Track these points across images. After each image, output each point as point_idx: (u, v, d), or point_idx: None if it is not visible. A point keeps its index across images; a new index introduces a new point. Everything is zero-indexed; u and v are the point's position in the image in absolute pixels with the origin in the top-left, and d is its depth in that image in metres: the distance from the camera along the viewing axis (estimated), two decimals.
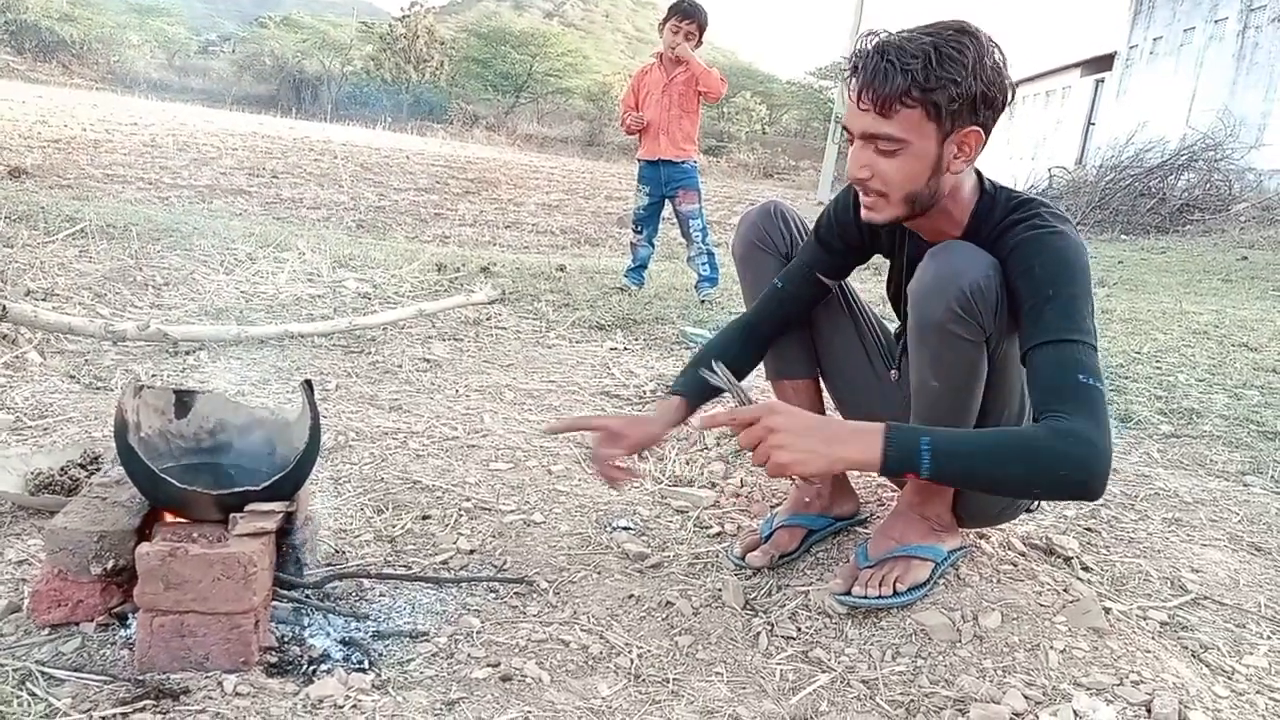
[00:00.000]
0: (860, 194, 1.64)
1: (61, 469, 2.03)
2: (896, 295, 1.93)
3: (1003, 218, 1.63)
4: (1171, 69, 19.29)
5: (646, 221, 5.37)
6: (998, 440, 1.46)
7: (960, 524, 1.87)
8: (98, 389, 2.81)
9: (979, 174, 1.68)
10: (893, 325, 2.08)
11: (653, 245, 5.45)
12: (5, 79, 28.27)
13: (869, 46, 1.53)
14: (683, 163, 5.21)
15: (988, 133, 1.57)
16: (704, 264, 5.20)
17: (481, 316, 4.27)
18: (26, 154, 10.38)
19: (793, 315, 1.97)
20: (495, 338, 3.99)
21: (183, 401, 1.73)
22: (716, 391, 1.82)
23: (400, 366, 3.37)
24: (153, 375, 2.98)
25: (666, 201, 5.34)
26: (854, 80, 1.55)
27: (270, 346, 3.42)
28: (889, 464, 1.40)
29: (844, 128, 1.60)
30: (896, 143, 1.53)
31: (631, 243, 5.45)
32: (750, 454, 1.46)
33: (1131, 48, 21.41)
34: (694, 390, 1.90)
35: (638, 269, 5.39)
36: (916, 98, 1.49)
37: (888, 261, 1.95)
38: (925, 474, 1.39)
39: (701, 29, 5.09)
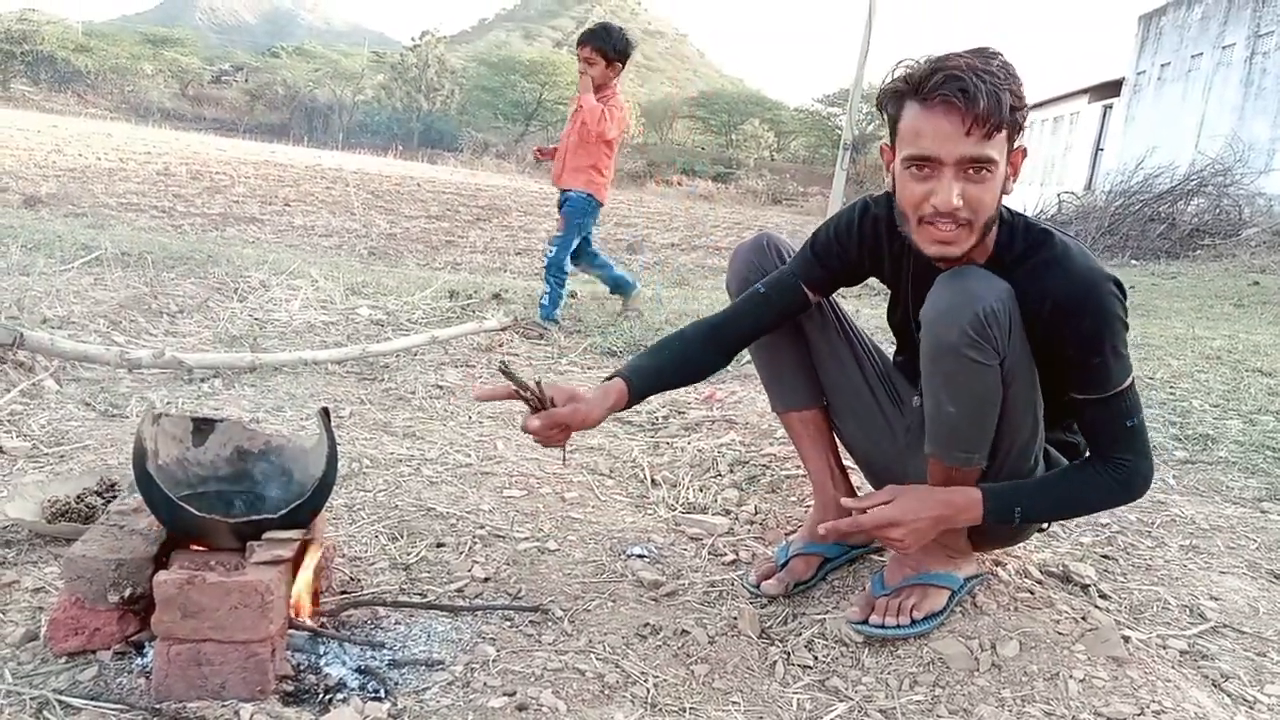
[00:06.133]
0: (933, 228, 1.57)
1: (78, 496, 2.03)
2: (902, 322, 1.92)
3: (1024, 247, 1.63)
4: (1179, 95, 19.34)
5: (576, 252, 5.01)
6: (1074, 496, 1.71)
7: (975, 548, 1.87)
8: (113, 416, 2.82)
9: None
10: (891, 351, 2.08)
11: (604, 262, 5.20)
12: (21, 109, 28.61)
13: (951, 70, 1.49)
14: (574, 192, 4.88)
15: None
16: (543, 294, 4.89)
17: (494, 343, 4.29)
18: (42, 183, 10.49)
19: (767, 323, 1.90)
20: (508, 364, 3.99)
21: (200, 429, 1.74)
22: (661, 388, 1.88)
23: (414, 393, 3.38)
24: (168, 403, 2.99)
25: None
26: (951, 104, 1.49)
27: (284, 374, 3.44)
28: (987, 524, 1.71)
29: (920, 159, 1.53)
30: (992, 166, 1.53)
31: (580, 271, 5.23)
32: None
33: (1139, 74, 21.48)
34: (641, 380, 1.82)
35: (617, 282, 5.24)
36: (1007, 119, 1.51)
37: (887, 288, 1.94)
38: (1015, 525, 1.72)
39: (604, 53, 4.71)
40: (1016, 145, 1.58)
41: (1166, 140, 17.65)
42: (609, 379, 1.81)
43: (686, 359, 1.88)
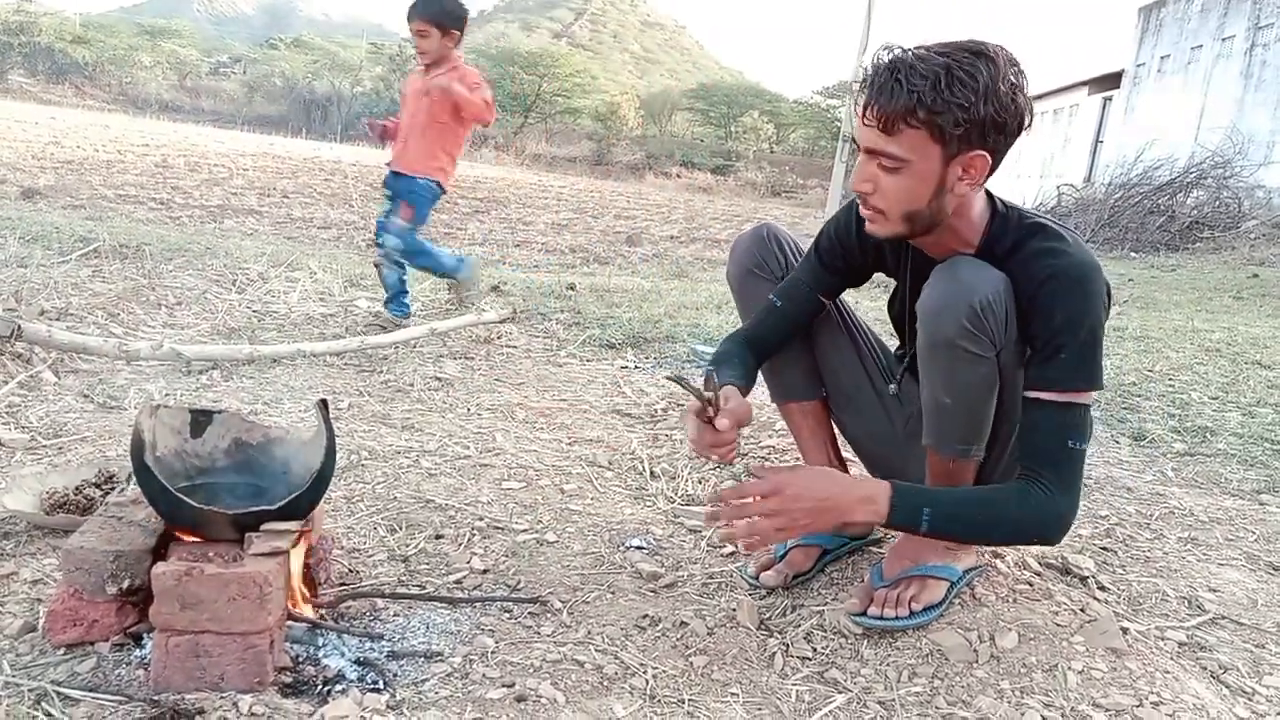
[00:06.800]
0: (861, 207, 1.64)
1: (76, 488, 2.03)
2: (901, 314, 1.93)
3: (1016, 239, 1.63)
4: (1179, 87, 19.31)
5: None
6: (987, 515, 1.61)
7: None
8: (111, 408, 2.82)
9: (989, 194, 1.68)
10: (893, 343, 2.08)
11: (401, 267, 4.36)
12: (19, 101, 28.54)
13: (883, 62, 1.51)
14: (418, 178, 4.31)
15: (997, 157, 1.55)
16: (426, 270, 4.56)
17: (492, 335, 4.28)
18: (40, 175, 10.47)
19: (786, 333, 1.95)
20: (506, 356, 3.99)
21: (198, 421, 1.74)
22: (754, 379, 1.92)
23: (412, 385, 3.38)
24: (166, 395, 2.99)
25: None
26: (863, 94, 1.54)
27: (282, 366, 3.43)
28: (892, 524, 1.60)
29: (853, 139, 1.61)
30: (898, 161, 1.53)
31: (375, 264, 4.41)
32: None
33: (1139, 65, 21.44)
34: (743, 380, 1.85)
35: (396, 298, 4.37)
36: (921, 119, 1.48)
37: (890, 280, 1.94)
38: (923, 532, 1.59)
39: (437, 23, 4.13)
40: (972, 151, 1.52)
41: (1166, 132, 17.64)
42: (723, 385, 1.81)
43: (748, 369, 1.92)
